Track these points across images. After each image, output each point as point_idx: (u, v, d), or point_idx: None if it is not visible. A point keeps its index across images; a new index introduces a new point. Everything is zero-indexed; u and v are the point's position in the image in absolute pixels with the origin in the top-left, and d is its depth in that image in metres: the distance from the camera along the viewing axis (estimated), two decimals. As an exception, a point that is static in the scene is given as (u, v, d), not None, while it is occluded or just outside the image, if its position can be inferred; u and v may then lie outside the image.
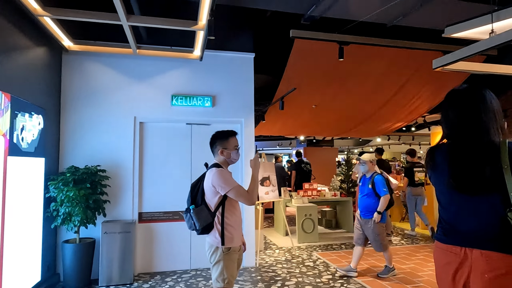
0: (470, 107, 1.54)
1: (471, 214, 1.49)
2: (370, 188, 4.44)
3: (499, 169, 1.40)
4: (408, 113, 7.00)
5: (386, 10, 4.02)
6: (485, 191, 1.44)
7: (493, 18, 2.93)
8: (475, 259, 1.44)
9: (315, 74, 5.43)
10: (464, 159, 1.51)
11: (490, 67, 3.93)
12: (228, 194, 2.31)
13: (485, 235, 1.44)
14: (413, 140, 14.57)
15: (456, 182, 1.52)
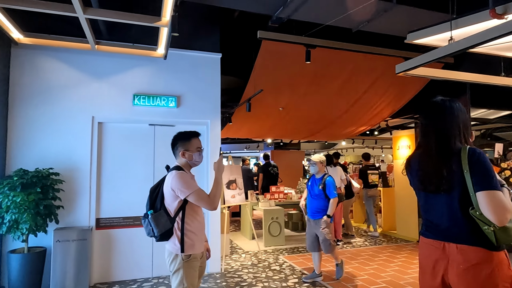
0: (439, 118, 1.74)
1: (443, 212, 1.68)
2: (321, 190, 4.39)
3: (461, 172, 1.59)
4: (372, 117, 7.19)
5: (351, 15, 4.08)
6: (450, 190, 1.63)
7: (452, 26, 3.04)
8: (451, 252, 1.63)
9: (282, 77, 5.41)
10: (430, 163, 1.70)
11: (448, 73, 4.09)
12: (188, 198, 2.18)
13: (457, 231, 1.63)
14: (376, 143, 15.06)
15: (422, 184, 1.74)
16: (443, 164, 1.65)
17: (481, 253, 1.56)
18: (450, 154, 1.65)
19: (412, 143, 7.33)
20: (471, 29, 2.96)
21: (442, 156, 1.67)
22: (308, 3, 3.95)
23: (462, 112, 1.75)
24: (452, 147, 1.67)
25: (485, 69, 4.78)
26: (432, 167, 1.69)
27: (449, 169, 1.62)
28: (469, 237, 1.59)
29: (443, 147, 1.69)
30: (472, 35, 2.72)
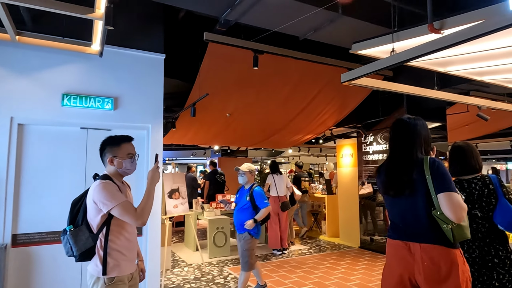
0: (404, 133, 2.03)
1: (407, 214, 1.91)
2: (248, 201, 4.06)
3: (423, 178, 1.84)
4: (318, 125, 7.32)
5: (298, 23, 4.07)
6: (413, 194, 1.88)
7: (393, 38, 3.13)
8: (416, 251, 1.84)
9: (229, 81, 5.26)
10: (395, 171, 1.98)
11: (389, 84, 4.25)
12: (111, 212, 1.90)
13: (420, 231, 1.85)
14: (321, 152, 15.56)
15: (387, 189, 2.00)
16: (406, 172, 1.91)
17: (441, 251, 1.78)
18: (413, 164, 1.92)
19: (355, 151, 7.60)
20: (411, 42, 3.07)
21: (405, 165, 1.94)
22: (255, 7, 3.86)
23: (424, 129, 2.04)
24: (414, 158, 1.93)
25: (420, 83, 5.08)
26: (396, 174, 1.96)
27: (411, 176, 1.88)
28: (430, 236, 1.81)
29: (407, 157, 1.96)
30: (412, 48, 2.80)
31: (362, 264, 5.83)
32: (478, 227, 2.25)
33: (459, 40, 2.46)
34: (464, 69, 4.25)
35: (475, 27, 2.33)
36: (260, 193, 4.09)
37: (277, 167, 6.98)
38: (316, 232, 8.82)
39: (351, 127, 7.84)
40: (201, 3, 3.88)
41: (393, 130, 2.10)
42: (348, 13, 3.92)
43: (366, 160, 7.19)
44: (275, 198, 6.70)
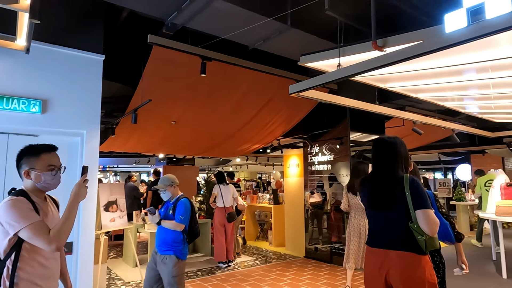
0: (386, 152, 2.26)
1: (387, 225, 2.16)
2: (171, 215, 3.46)
3: (403, 194, 2.09)
4: (266, 135, 7.34)
5: (247, 32, 4.01)
6: (394, 208, 2.12)
7: (340, 53, 3.19)
8: (392, 257, 2.10)
9: (175, 88, 5.03)
10: (378, 187, 2.22)
11: (334, 97, 4.36)
12: (20, 234, 1.61)
13: (396, 240, 2.11)
14: (268, 161, 15.70)
15: (371, 203, 2.27)
16: (389, 189, 2.15)
17: (414, 257, 2.06)
18: (394, 180, 2.15)
19: (301, 161, 7.73)
20: (356, 57, 3.15)
21: (388, 182, 2.18)
22: (204, 13, 3.73)
23: (403, 147, 2.27)
24: (395, 175, 2.18)
25: (362, 96, 5.31)
26: (380, 191, 2.20)
27: (393, 192, 2.13)
28: (405, 245, 2.07)
29: (390, 175, 2.20)
30: (357, 64, 2.87)
31: (307, 274, 5.87)
32: None
33: (400, 58, 2.56)
34: (402, 86, 4.52)
35: (414, 47, 2.43)
36: (184, 205, 3.43)
37: (224, 177, 6.83)
38: (263, 242, 8.78)
39: (298, 138, 7.98)
40: (145, 4, 3.66)
41: (375, 148, 2.33)
42: (297, 25, 3.96)
43: (312, 170, 7.33)
44: (221, 209, 6.54)
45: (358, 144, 8.07)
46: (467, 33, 2.18)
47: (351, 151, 6.98)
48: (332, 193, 6.92)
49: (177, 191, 3.67)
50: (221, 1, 3.43)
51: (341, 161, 6.75)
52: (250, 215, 8.99)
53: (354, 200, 4.74)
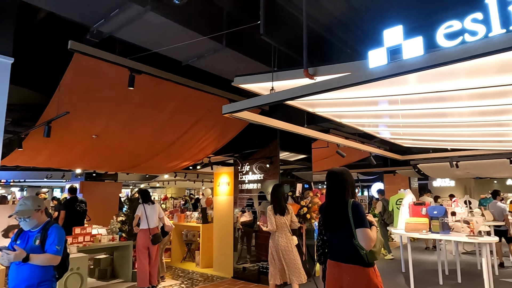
0: (336, 182, 2.76)
1: (340, 243, 2.64)
2: (38, 247, 2.78)
3: (348, 217, 2.56)
4: (196, 152, 7.17)
5: (181, 47, 3.91)
6: (343, 229, 2.58)
7: (273, 77, 3.27)
8: (343, 269, 2.58)
9: (98, 99, 4.64)
10: (331, 213, 2.72)
11: (266, 119, 4.44)
12: None
13: (346, 255, 2.58)
14: (198, 177, 15.37)
15: (327, 226, 2.77)
16: (338, 213, 2.64)
17: (360, 269, 2.52)
18: (343, 206, 2.62)
19: (231, 180, 7.68)
20: (288, 83, 3.25)
21: (338, 208, 2.66)
22: (135, 24, 3.53)
23: (349, 177, 2.75)
24: (344, 201, 2.64)
25: (292, 118, 5.52)
26: (332, 216, 2.71)
27: (342, 216, 2.60)
28: (353, 259, 2.54)
29: (339, 202, 2.67)
30: (290, 89, 2.97)
31: (235, 296, 5.74)
32: None
33: (329, 87, 2.70)
34: (328, 111, 4.80)
35: (342, 78, 2.59)
36: (58, 232, 2.86)
37: (149, 196, 6.41)
38: (190, 263, 8.43)
39: (229, 156, 7.96)
40: (66, 7, 3.33)
41: (328, 180, 2.79)
42: (232, 46, 3.98)
43: (242, 189, 7.33)
44: (146, 230, 6.11)
45: (286, 163, 8.36)
46: (387, 70, 2.39)
47: (280, 170, 7.17)
48: (261, 211, 6.98)
49: (44, 217, 2.94)
50: (155, 15, 3.29)
51: (271, 179, 6.88)
52: (176, 235, 8.59)
53: (281, 220, 4.87)
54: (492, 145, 7.87)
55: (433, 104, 3.95)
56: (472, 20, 2.05)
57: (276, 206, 4.95)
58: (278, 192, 5.11)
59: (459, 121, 4.92)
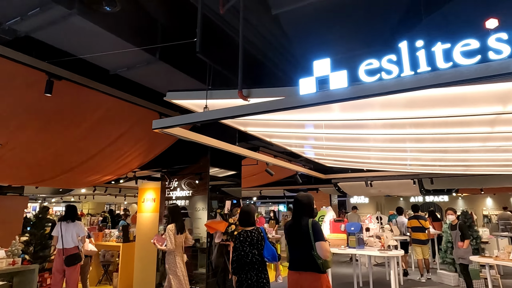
0: (299, 205, 3.38)
1: (300, 255, 3.16)
2: None
3: (309, 232, 3.13)
4: (120, 166, 6.71)
5: (109, 56, 3.69)
6: (304, 243, 3.12)
7: (207, 95, 3.26)
8: (303, 276, 3.11)
9: (5, 104, 4.10)
10: (294, 230, 3.27)
11: (198, 136, 4.38)
12: None
13: (305, 264, 3.11)
14: (120, 192, 14.39)
15: (290, 241, 3.34)
16: (300, 230, 3.21)
17: (317, 275, 3.08)
18: (304, 224, 3.20)
19: (157, 196, 7.35)
20: (222, 102, 3.27)
21: (300, 226, 3.23)
22: (57, 26, 3.24)
23: (309, 200, 3.40)
24: (305, 220, 3.24)
25: (223, 135, 5.54)
26: (295, 232, 3.27)
27: (304, 232, 3.16)
28: (311, 267, 3.09)
29: (300, 221, 3.26)
30: (224, 109, 2.98)
31: (156, 321, 5.41)
32: (256, 260, 3.59)
33: (262, 110, 2.78)
34: (259, 131, 4.94)
35: (275, 102, 2.70)
36: None
37: (71, 213, 5.74)
38: (106, 286, 7.74)
39: (157, 171, 7.63)
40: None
41: (293, 203, 3.45)
42: (166, 60, 3.88)
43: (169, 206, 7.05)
44: (59, 251, 5.46)
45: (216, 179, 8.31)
46: (315, 98, 2.56)
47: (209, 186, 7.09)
48: (188, 229, 6.77)
49: None
50: (82, 19, 3.07)
51: (200, 196, 6.75)
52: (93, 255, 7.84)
53: (180, 239, 5.04)
54: (399, 167, 8.87)
55: (352, 130, 4.33)
56: (388, 60, 2.32)
57: (178, 225, 5.09)
58: (178, 211, 5.30)
59: (373, 146, 5.46)
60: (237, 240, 3.63)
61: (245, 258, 3.54)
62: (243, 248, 3.57)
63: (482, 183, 10.76)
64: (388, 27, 3.76)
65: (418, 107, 3.16)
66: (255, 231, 3.71)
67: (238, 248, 3.59)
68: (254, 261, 3.56)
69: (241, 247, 3.58)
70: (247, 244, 3.59)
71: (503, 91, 2.55)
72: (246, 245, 3.59)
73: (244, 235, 3.64)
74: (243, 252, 3.55)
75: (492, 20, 2.10)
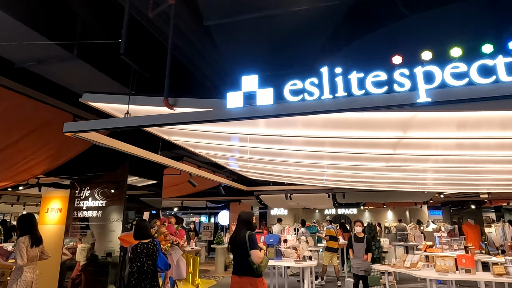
0: (240, 220, 3.87)
1: (240, 261, 3.64)
2: None
3: (245, 242, 3.61)
4: (20, 172, 5.89)
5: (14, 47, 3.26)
6: (243, 251, 3.60)
7: (130, 100, 3.08)
8: (243, 280, 3.56)
9: None
10: (235, 241, 3.75)
11: (116, 143, 4.11)
12: None
13: (244, 269, 3.58)
14: (18, 200, 12.63)
15: (232, 250, 3.84)
16: (241, 241, 3.66)
17: (253, 279, 3.53)
18: (243, 236, 3.67)
19: (65, 206, 6.62)
20: (146, 108, 3.12)
21: (240, 237, 3.70)
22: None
23: (250, 216, 3.93)
24: (243, 233, 3.69)
25: (145, 143, 5.27)
26: (236, 242, 3.72)
27: (242, 242, 3.63)
28: (248, 272, 3.55)
29: (240, 233, 3.72)
30: (148, 116, 2.84)
31: None
32: (150, 269, 3.90)
33: (188, 120, 2.73)
34: (184, 141, 4.82)
35: (202, 113, 2.67)
36: None
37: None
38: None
39: (66, 178, 6.89)
40: None
41: (237, 219, 3.90)
42: (85, 58, 3.57)
43: (78, 217, 6.39)
44: None
45: (134, 188, 7.83)
46: (242, 112, 2.60)
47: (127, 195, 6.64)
48: (91, 243, 6.21)
49: None
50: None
51: (115, 206, 6.27)
52: None
53: (34, 252, 4.50)
54: (316, 182, 9.48)
55: (276, 145, 4.50)
56: (311, 83, 2.48)
57: (33, 237, 4.51)
58: (32, 221, 4.71)
59: (294, 161, 5.74)
60: (134, 252, 3.90)
61: (140, 269, 3.87)
62: (139, 260, 3.89)
63: (385, 198, 12.09)
64: (312, 51, 4.04)
65: (335, 128, 3.42)
66: (151, 243, 4.06)
67: (135, 259, 3.87)
68: (148, 271, 3.92)
69: (138, 258, 3.90)
70: (143, 255, 3.93)
71: (404, 119, 2.92)
72: (143, 256, 3.93)
73: (141, 247, 3.95)
74: (139, 263, 3.87)
75: (397, 57, 2.40)
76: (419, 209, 17.86)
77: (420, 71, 2.30)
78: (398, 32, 3.42)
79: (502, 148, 3.73)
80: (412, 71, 2.31)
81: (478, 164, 4.79)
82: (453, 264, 5.37)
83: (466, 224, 11.15)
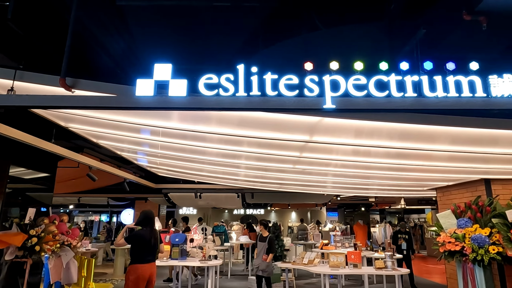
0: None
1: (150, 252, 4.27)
2: None
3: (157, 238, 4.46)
4: None
5: None
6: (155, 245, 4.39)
7: (16, 75, 2.62)
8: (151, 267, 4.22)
9: None
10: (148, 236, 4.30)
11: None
12: None
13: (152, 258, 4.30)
14: None
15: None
16: (154, 237, 4.26)
17: None
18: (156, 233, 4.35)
19: None
20: (36, 87, 2.69)
21: (154, 234, 4.27)
22: None
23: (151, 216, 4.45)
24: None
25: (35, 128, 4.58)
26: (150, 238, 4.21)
27: (156, 238, 4.30)
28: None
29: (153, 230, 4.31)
30: (37, 95, 2.45)
31: None
32: None
33: (88, 105, 2.44)
34: (85, 129, 4.34)
35: (105, 99, 2.41)
36: None
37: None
38: None
39: None
40: None
41: (142, 217, 4.32)
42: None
43: None
44: None
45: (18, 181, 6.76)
46: (152, 102, 2.42)
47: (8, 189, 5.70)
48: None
49: None
50: None
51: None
52: None
53: None
54: (226, 181, 9.53)
55: (189, 141, 4.36)
56: (226, 78, 2.44)
57: None
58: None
59: (207, 159, 5.66)
60: None
61: None
62: None
63: (290, 199, 12.81)
64: (230, 50, 4.02)
65: (248, 127, 3.46)
66: None
67: None
68: None
69: None
70: None
71: (311, 123, 3.09)
72: None
73: None
74: None
75: (309, 63, 2.52)
76: (319, 210, 19.43)
77: (328, 79, 2.45)
78: (311, 41, 3.63)
79: (388, 156, 4.26)
80: (321, 78, 2.45)
81: (369, 170, 5.39)
82: (344, 260, 5.94)
83: (356, 224, 12.53)
